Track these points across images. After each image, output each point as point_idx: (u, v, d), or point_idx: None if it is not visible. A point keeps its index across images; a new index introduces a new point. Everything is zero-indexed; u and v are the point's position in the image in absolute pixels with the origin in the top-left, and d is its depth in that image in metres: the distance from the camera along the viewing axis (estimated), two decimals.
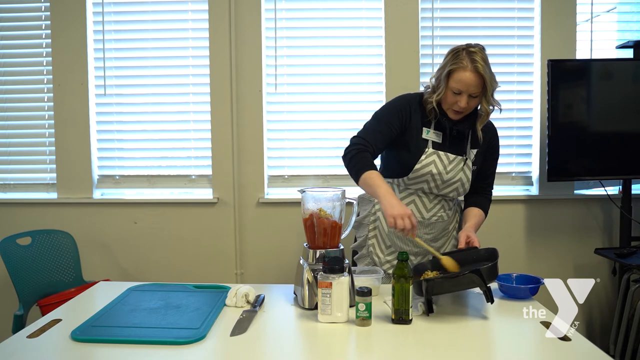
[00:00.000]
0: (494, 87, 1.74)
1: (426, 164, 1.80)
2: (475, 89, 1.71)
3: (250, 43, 2.78)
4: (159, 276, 2.78)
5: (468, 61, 1.68)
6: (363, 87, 2.84)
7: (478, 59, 1.68)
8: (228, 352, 1.32)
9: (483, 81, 1.70)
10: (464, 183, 1.85)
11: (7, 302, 2.58)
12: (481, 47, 1.73)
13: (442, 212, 1.88)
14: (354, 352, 1.37)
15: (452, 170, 1.82)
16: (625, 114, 2.62)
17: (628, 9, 2.91)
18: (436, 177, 1.81)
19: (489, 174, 1.96)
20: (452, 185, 1.84)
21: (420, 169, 1.80)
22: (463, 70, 1.69)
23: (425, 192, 1.85)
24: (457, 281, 1.53)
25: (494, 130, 1.92)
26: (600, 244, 2.82)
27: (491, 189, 1.99)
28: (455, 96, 1.73)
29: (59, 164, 2.86)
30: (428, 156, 1.80)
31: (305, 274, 1.56)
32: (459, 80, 1.70)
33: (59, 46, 2.81)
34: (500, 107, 1.80)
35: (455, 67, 1.70)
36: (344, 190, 1.67)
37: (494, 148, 1.93)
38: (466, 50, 1.71)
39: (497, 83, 1.75)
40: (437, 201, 1.87)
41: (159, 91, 2.87)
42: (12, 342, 1.34)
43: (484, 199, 1.96)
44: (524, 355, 1.33)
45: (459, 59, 1.70)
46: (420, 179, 1.82)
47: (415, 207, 1.86)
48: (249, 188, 2.84)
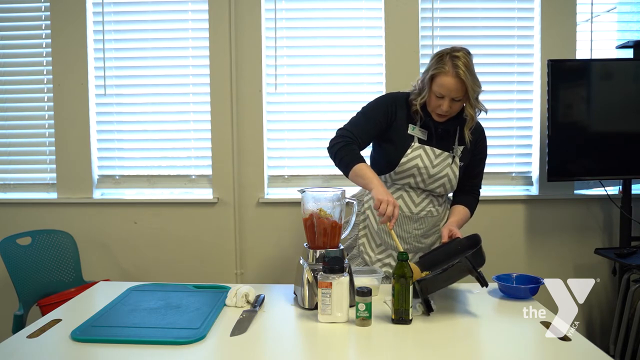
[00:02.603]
0: (476, 91, 1.74)
1: (412, 158, 1.82)
2: (457, 93, 1.72)
3: (250, 43, 2.78)
4: (159, 276, 2.78)
5: (450, 66, 1.70)
6: (363, 87, 2.84)
7: (460, 64, 1.69)
8: (228, 352, 1.32)
9: (465, 86, 1.71)
10: (451, 179, 1.86)
11: (7, 302, 2.57)
12: (466, 51, 1.73)
13: (431, 207, 1.89)
14: (354, 352, 1.37)
15: (438, 165, 1.83)
16: (625, 114, 2.62)
17: (628, 9, 2.91)
18: (422, 171, 1.82)
19: (476, 174, 1.97)
20: (439, 180, 1.85)
21: (406, 162, 1.82)
22: (445, 75, 1.70)
23: (412, 187, 1.86)
24: (447, 274, 1.53)
25: (481, 130, 1.93)
26: (600, 244, 2.82)
27: (479, 188, 2.00)
28: (438, 100, 1.75)
29: (59, 164, 2.86)
30: (414, 150, 1.82)
31: (305, 274, 1.56)
32: (441, 84, 1.71)
33: (59, 46, 2.81)
34: (485, 109, 1.82)
35: (438, 72, 1.72)
36: (344, 190, 1.67)
37: (481, 148, 1.93)
38: (450, 54, 1.71)
39: (480, 87, 1.76)
40: (424, 196, 1.88)
41: (159, 91, 2.87)
42: (12, 342, 1.34)
43: (472, 198, 1.97)
44: (524, 355, 1.33)
45: (441, 63, 1.72)
46: (407, 172, 1.83)
47: (403, 201, 1.87)
48: (249, 188, 2.84)
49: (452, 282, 1.61)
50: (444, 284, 1.58)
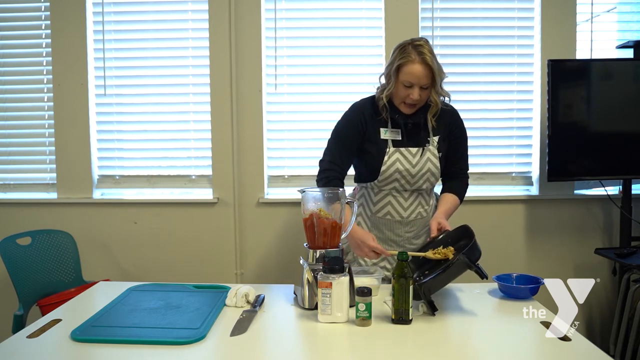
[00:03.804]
0: (442, 77, 1.79)
1: (391, 164, 1.83)
2: (425, 79, 1.75)
3: (250, 43, 2.78)
4: (159, 276, 2.78)
5: (415, 54, 1.73)
6: (363, 87, 2.83)
7: (425, 51, 1.73)
8: (228, 352, 1.32)
9: (432, 72, 1.74)
10: (434, 172, 1.86)
11: (7, 302, 2.57)
12: (426, 40, 1.78)
13: (420, 209, 1.90)
14: (354, 352, 1.37)
15: (418, 164, 1.84)
16: (625, 114, 2.62)
17: (628, 9, 2.91)
18: (404, 174, 1.83)
19: (459, 157, 1.95)
20: (422, 177, 1.85)
21: (386, 170, 1.83)
22: (412, 63, 1.74)
23: (398, 190, 1.87)
24: (447, 274, 1.53)
25: (452, 113, 1.92)
26: (600, 244, 2.82)
27: (466, 172, 1.99)
28: (407, 89, 1.77)
29: (59, 164, 2.86)
30: (390, 155, 1.83)
31: (305, 274, 1.56)
32: (409, 72, 1.74)
33: (59, 46, 2.81)
34: (449, 96, 1.85)
35: (404, 61, 1.75)
36: (344, 190, 1.67)
37: (456, 131, 1.91)
38: (412, 44, 1.75)
39: (444, 74, 1.80)
40: (413, 198, 1.88)
41: (159, 91, 2.87)
42: (12, 342, 1.34)
43: (459, 184, 1.97)
44: (524, 355, 1.33)
45: (406, 52, 1.75)
46: (390, 179, 1.85)
47: (392, 207, 1.88)
48: (249, 188, 2.84)
49: (451, 279, 1.61)
50: (445, 282, 1.58)
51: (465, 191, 1.98)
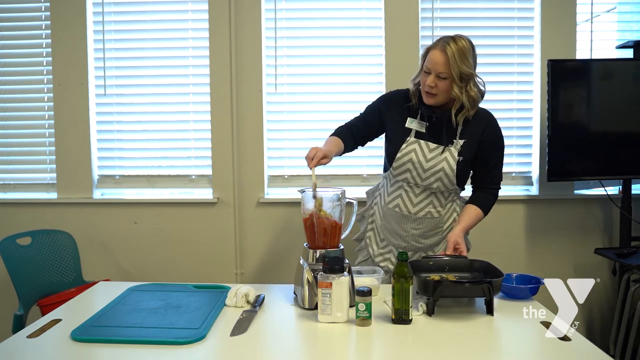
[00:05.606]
0: (461, 69, 1.73)
1: (406, 152, 1.84)
2: (441, 67, 1.74)
3: (250, 43, 2.78)
4: (159, 276, 2.78)
5: (441, 43, 1.76)
6: (363, 87, 2.84)
7: (451, 42, 1.74)
8: (228, 352, 1.32)
9: (448, 62, 1.73)
10: (448, 174, 1.83)
11: (7, 302, 2.57)
12: (466, 39, 1.77)
13: (430, 208, 1.89)
14: (354, 352, 1.37)
15: (432, 159, 1.83)
16: (625, 114, 2.62)
17: (628, 9, 2.91)
18: (416, 166, 1.84)
19: (492, 167, 1.91)
20: (434, 174, 1.84)
21: (401, 157, 1.85)
22: (433, 49, 1.77)
23: (410, 184, 1.87)
24: (466, 288, 1.54)
25: (489, 119, 1.90)
26: (600, 244, 2.82)
27: (496, 184, 1.94)
28: (426, 76, 1.78)
29: (59, 164, 2.86)
30: (409, 145, 1.85)
31: (305, 274, 1.56)
32: (429, 59, 1.77)
33: (59, 46, 2.81)
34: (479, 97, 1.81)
35: (430, 48, 1.79)
36: (344, 190, 1.67)
37: (490, 138, 1.88)
38: (450, 36, 1.77)
39: (470, 70, 1.75)
40: (424, 196, 1.88)
41: (159, 91, 2.87)
42: (12, 342, 1.34)
43: (487, 196, 1.92)
44: (524, 355, 1.33)
45: (436, 41, 1.78)
46: (402, 167, 1.85)
47: (401, 200, 1.90)
48: (249, 188, 2.84)
49: (464, 295, 1.61)
50: (457, 294, 1.58)
51: (492, 204, 1.93)
